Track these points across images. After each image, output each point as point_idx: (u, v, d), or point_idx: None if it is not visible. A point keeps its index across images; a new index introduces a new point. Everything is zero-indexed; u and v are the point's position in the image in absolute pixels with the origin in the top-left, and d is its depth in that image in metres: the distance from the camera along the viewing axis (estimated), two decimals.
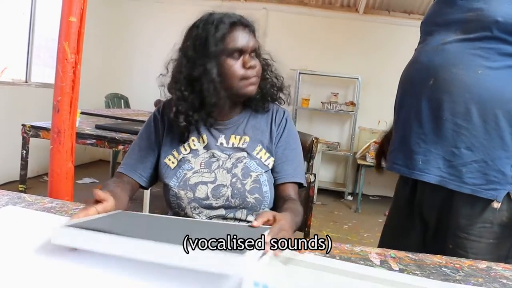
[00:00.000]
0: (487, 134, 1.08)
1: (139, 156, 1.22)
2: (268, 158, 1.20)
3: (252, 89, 1.14)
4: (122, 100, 5.17)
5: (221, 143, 1.20)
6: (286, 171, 1.20)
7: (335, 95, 5.34)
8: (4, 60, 4.14)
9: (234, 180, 1.14)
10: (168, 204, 1.19)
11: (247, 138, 1.20)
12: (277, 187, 1.20)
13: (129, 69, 5.77)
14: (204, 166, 1.17)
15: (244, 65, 1.10)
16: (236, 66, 1.10)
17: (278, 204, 1.16)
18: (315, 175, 1.39)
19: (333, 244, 0.96)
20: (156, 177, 1.24)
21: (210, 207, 1.15)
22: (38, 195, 1.11)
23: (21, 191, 2.37)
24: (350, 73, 5.25)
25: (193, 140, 1.20)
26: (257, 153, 1.19)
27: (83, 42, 2.03)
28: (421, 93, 1.17)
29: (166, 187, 1.18)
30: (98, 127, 2.53)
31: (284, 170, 1.20)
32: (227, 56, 1.09)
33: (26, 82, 4.46)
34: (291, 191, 1.19)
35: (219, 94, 1.11)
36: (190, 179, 1.15)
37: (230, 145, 1.20)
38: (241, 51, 1.10)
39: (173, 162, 1.19)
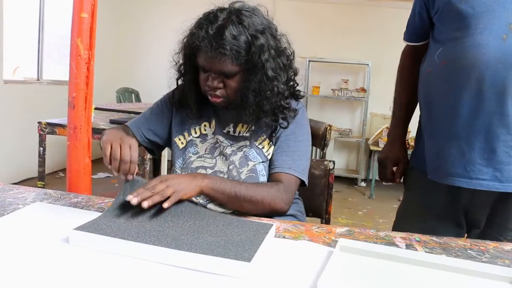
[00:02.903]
0: None
1: (148, 119, 1.27)
2: (270, 147, 1.19)
3: (214, 101, 1.14)
4: (133, 94, 5.19)
5: (228, 131, 1.21)
6: (284, 161, 1.15)
7: (346, 82, 5.31)
8: (15, 59, 4.18)
9: (231, 167, 1.16)
10: None
11: (253, 127, 1.20)
12: (271, 177, 1.16)
13: (139, 63, 5.78)
14: (208, 152, 1.20)
15: (205, 82, 1.12)
16: (201, 77, 1.13)
17: None
18: (333, 162, 1.39)
19: (357, 230, 0.97)
20: (158, 146, 1.29)
21: None
22: (57, 190, 1.13)
23: (40, 188, 2.41)
24: (360, 59, 5.21)
25: (204, 125, 1.23)
26: (260, 143, 1.19)
27: (95, 37, 2.04)
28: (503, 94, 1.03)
29: (172, 169, 1.24)
30: (112, 121, 2.55)
31: (282, 160, 1.15)
32: (200, 67, 1.12)
33: (38, 80, 4.50)
34: (282, 175, 1.13)
35: (190, 95, 1.18)
36: (193, 162, 1.19)
37: (236, 134, 1.21)
38: (205, 70, 1.10)
39: (182, 143, 1.23)
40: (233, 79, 1.10)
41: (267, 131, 1.19)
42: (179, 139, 1.23)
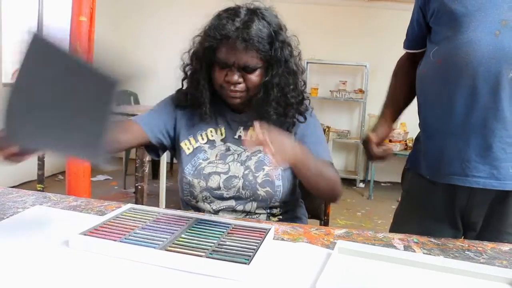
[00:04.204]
0: None
1: (154, 117, 1.23)
2: None
3: (232, 101, 1.14)
4: (131, 97, 5.19)
5: (239, 136, 1.20)
6: (323, 152, 1.18)
7: (344, 83, 5.32)
8: (14, 62, 4.17)
9: (246, 172, 1.15)
10: (181, 192, 1.21)
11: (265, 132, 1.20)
12: None
13: (137, 65, 5.78)
14: (219, 158, 1.18)
15: (224, 77, 1.10)
16: (218, 73, 1.11)
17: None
18: (332, 164, 1.39)
19: (355, 231, 0.97)
20: (163, 145, 1.24)
21: (221, 198, 1.16)
22: (57, 194, 1.14)
23: (39, 191, 2.41)
24: (358, 61, 5.22)
25: (211, 131, 1.21)
26: None
27: (94, 41, 2.05)
28: (498, 90, 1.03)
29: (180, 175, 1.20)
30: None
31: (317, 151, 1.16)
32: (216, 62, 1.10)
33: None
34: None
35: (203, 94, 1.14)
36: (204, 168, 1.16)
37: (248, 138, 1.18)
38: (226, 64, 1.08)
39: (188, 148, 1.20)
40: (254, 74, 1.10)
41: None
42: (185, 144, 1.20)
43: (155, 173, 4.28)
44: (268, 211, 1.19)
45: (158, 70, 5.75)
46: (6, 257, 0.74)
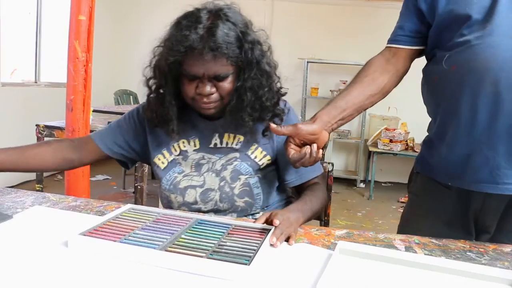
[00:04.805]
0: None
1: (113, 131, 1.21)
2: (264, 157, 1.15)
3: (206, 112, 1.08)
4: (131, 96, 5.19)
5: (215, 144, 1.16)
6: (306, 168, 1.11)
7: (344, 83, 5.31)
8: (13, 61, 4.17)
9: (222, 184, 1.11)
10: (163, 207, 1.19)
11: (241, 138, 1.15)
12: (306, 184, 1.18)
13: (137, 65, 5.76)
14: (194, 169, 1.14)
15: (195, 90, 1.03)
16: (188, 87, 1.04)
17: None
18: (332, 164, 1.38)
19: (356, 232, 0.96)
20: (128, 158, 1.23)
21: (199, 212, 1.12)
22: (56, 194, 1.13)
23: (38, 191, 2.41)
24: (358, 60, 5.21)
25: (183, 142, 1.17)
26: (252, 152, 1.15)
27: (93, 40, 2.04)
28: None
29: (159, 190, 1.19)
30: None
31: (302, 168, 1.10)
32: (184, 75, 1.03)
33: (36, 82, 4.50)
34: (312, 181, 1.19)
35: (170, 111, 1.09)
36: (180, 182, 1.13)
37: (224, 145, 1.16)
38: (195, 76, 1.01)
39: (163, 162, 1.17)
40: (226, 81, 1.03)
41: (258, 140, 1.15)
42: (159, 159, 1.17)
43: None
44: (251, 218, 1.15)
45: None
46: (5, 257, 0.73)
